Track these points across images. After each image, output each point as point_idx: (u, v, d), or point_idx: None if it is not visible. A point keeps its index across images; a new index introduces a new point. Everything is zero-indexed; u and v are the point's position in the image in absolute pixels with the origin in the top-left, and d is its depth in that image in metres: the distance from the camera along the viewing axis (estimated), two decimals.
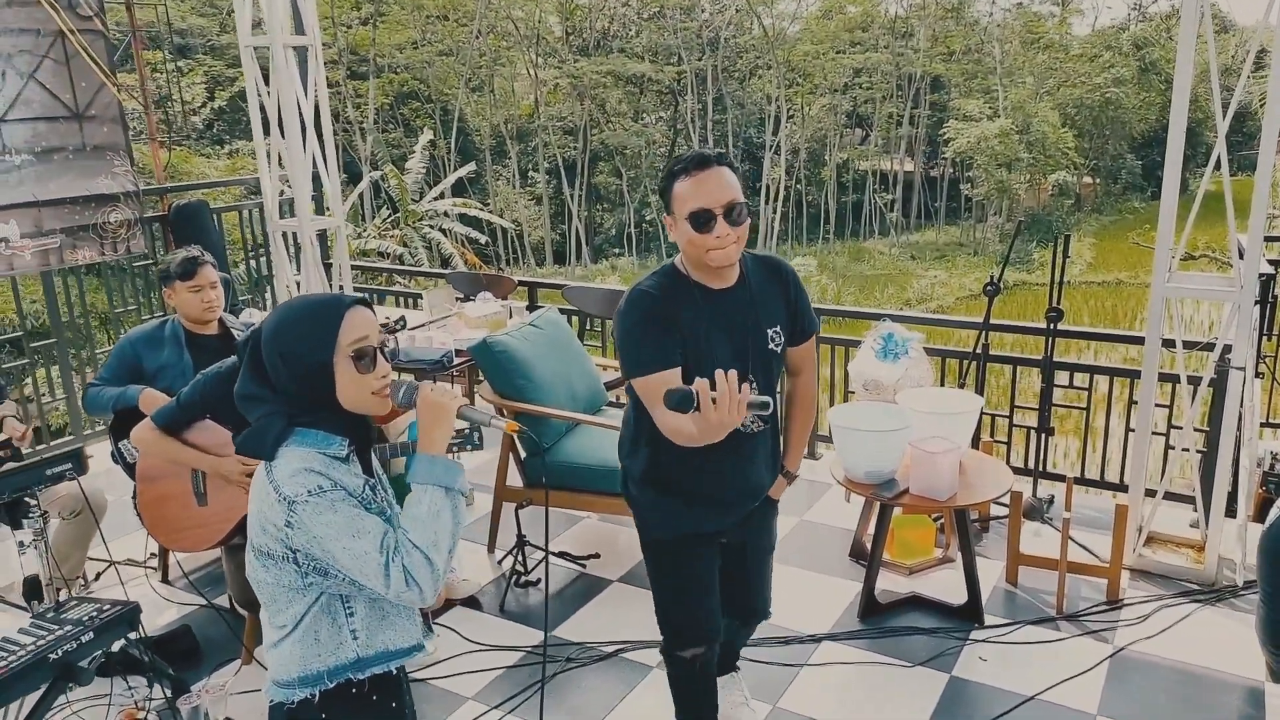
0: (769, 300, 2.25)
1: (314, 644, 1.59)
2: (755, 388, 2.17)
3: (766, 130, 30.22)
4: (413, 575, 1.51)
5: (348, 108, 25.66)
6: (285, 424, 1.57)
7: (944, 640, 3.29)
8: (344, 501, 1.52)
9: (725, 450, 2.13)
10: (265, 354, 1.57)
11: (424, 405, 1.62)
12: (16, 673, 2.20)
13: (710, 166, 2.07)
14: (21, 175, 4.69)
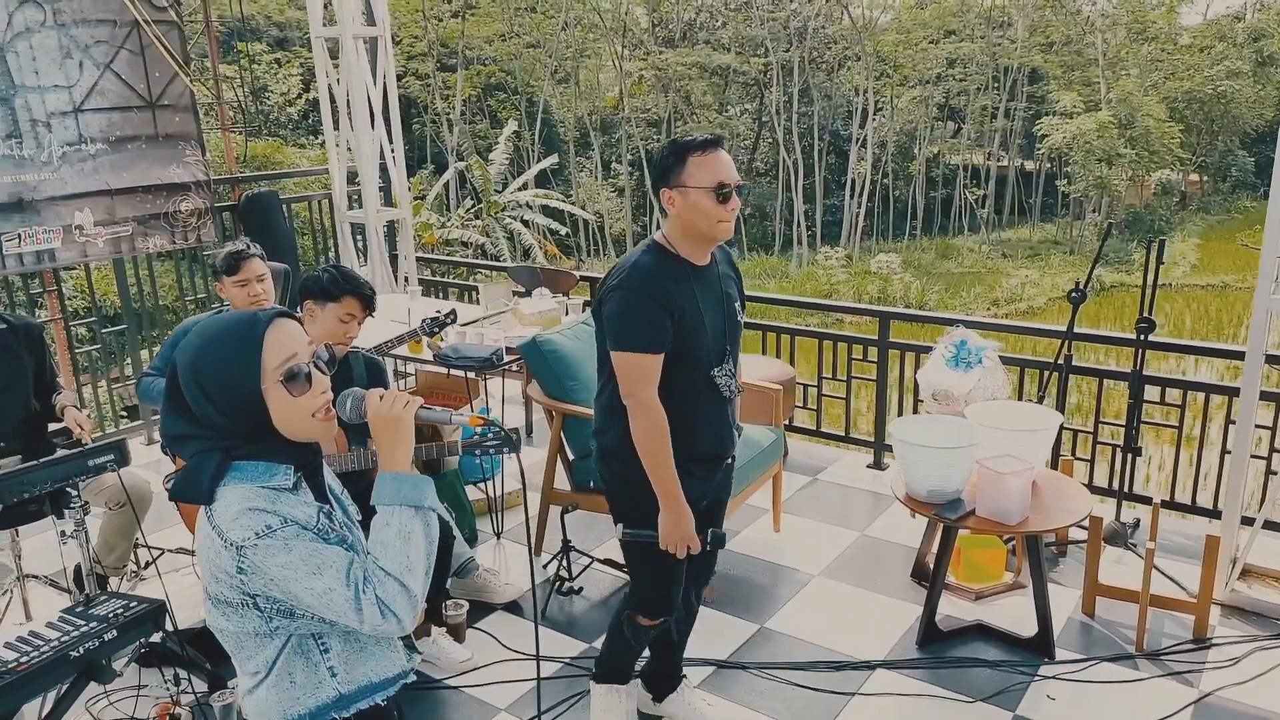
0: (730, 277, 2.51)
1: (290, 688, 1.47)
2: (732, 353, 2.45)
3: (853, 123, 29.55)
4: (388, 605, 1.39)
5: (436, 100, 26.03)
6: (221, 459, 1.41)
7: (1009, 675, 3.05)
8: (297, 538, 1.38)
9: (715, 415, 2.44)
10: (185, 389, 1.41)
11: (376, 421, 1.47)
12: (39, 668, 2.19)
13: (719, 148, 2.30)
14: (96, 164, 4.78)
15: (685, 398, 2.37)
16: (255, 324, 1.42)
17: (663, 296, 2.27)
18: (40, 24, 4.52)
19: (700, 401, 2.41)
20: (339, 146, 5.60)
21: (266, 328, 1.42)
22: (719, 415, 2.46)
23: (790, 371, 4.70)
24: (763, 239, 29.38)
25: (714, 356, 2.39)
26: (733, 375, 2.46)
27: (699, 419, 2.41)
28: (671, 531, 2.35)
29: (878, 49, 29.53)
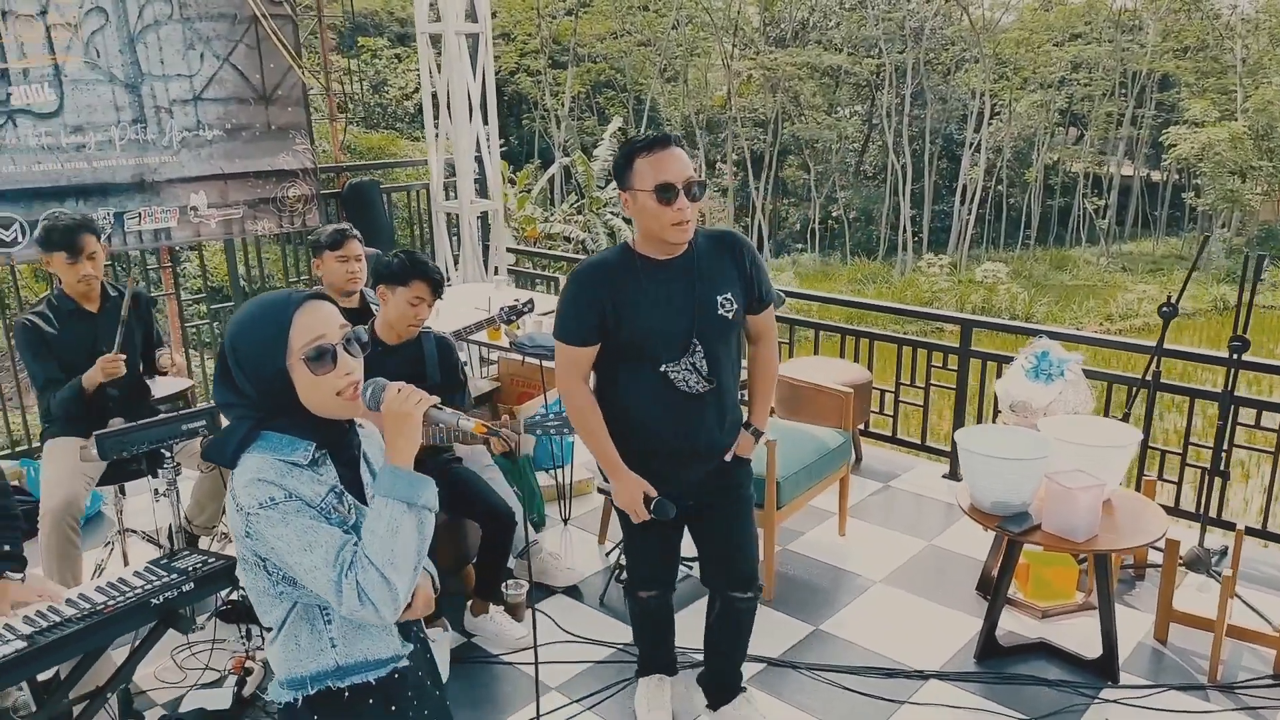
0: (718, 269, 2.39)
1: (295, 649, 1.56)
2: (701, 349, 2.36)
3: (968, 127, 28.72)
4: (366, 592, 1.43)
5: (546, 96, 26.48)
6: (251, 428, 1.50)
7: (1069, 695, 2.97)
8: (297, 513, 1.45)
9: (669, 410, 2.40)
10: (228, 360, 1.51)
11: (387, 413, 1.51)
12: (124, 612, 2.36)
13: (670, 146, 2.24)
14: (212, 150, 5.08)
15: (633, 391, 2.42)
16: (288, 304, 1.50)
17: (594, 293, 2.32)
18: (168, 17, 4.83)
19: (650, 396, 2.40)
20: (438, 139, 5.79)
21: (297, 308, 1.49)
22: (678, 410, 2.41)
23: (866, 376, 4.66)
24: (866, 244, 28.86)
25: (665, 352, 2.35)
26: (697, 371, 2.38)
27: (649, 413, 2.41)
28: (617, 496, 2.45)
29: (997, 51, 28.62)
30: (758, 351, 2.61)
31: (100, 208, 4.71)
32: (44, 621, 2.26)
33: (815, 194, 28.95)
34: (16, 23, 4.38)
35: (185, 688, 3.01)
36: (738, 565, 2.66)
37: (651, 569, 2.70)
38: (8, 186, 4.45)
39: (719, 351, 2.40)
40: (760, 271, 2.47)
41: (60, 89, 4.54)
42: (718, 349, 2.40)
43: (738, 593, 2.67)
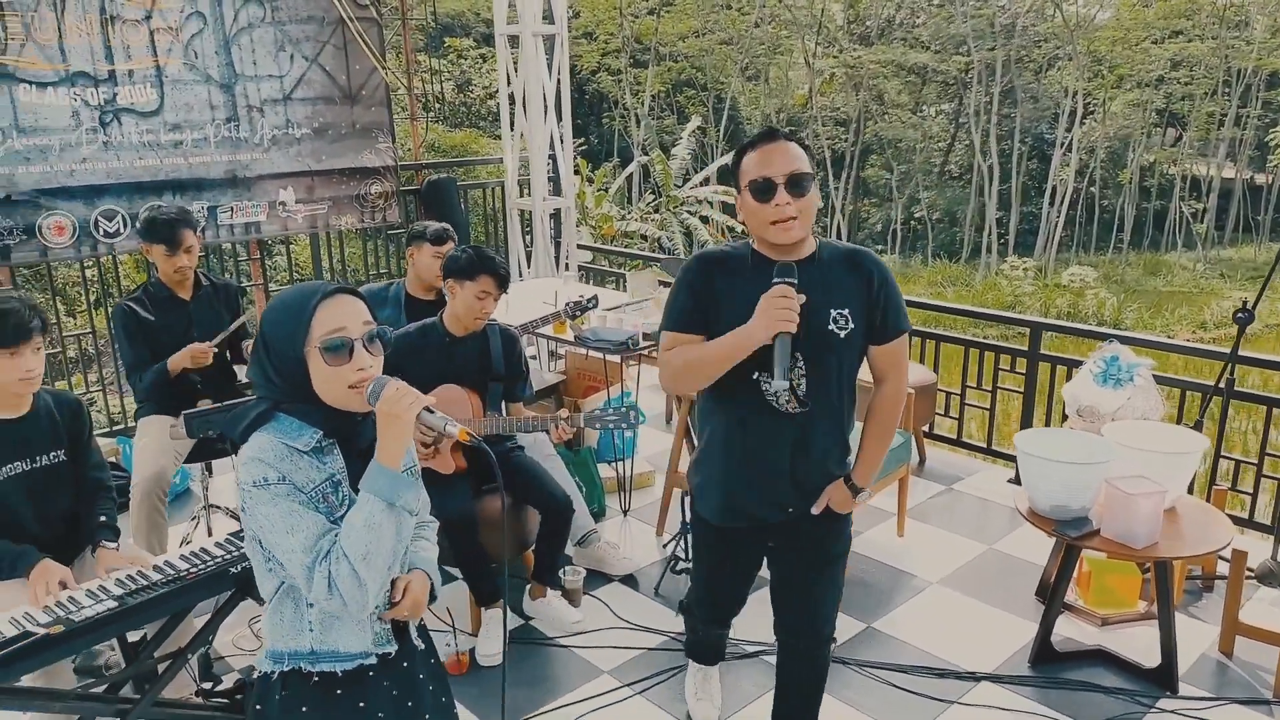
0: (838, 282, 2.16)
1: (279, 624, 1.63)
2: (803, 366, 2.13)
3: (1059, 127, 27.90)
4: (335, 583, 1.48)
5: (626, 95, 26.65)
6: (267, 409, 1.56)
7: (1125, 704, 2.93)
8: (286, 497, 1.51)
9: (754, 427, 2.20)
10: (259, 341, 1.59)
11: (380, 412, 1.53)
12: (204, 579, 2.52)
13: (776, 140, 2.10)
14: (300, 148, 5.32)
15: (726, 400, 2.22)
16: (314, 294, 1.56)
17: (701, 282, 2.16)
18: (260, 20, 5.08)
19: (740, 407, 2.19)
20: (514, 137, 5.94)
21: (322, 299, 1.55)
22: (762, 429, 2.19)
23: (931, 377, 4.63)
24: (949, 246, 28.28)
25: (764, 361, 2.08)
26: (792, 390, 2.13)
27: (735, 427, 2.22)
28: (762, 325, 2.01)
29: (1092, 48, 27.73)
30: (878, 394, 2.29)
31: (195, 202, 4.98)
32: (133, 584, 2.43)
33: (897, 194, 28.50)
34: (124, 27, 4.67)
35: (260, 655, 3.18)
36: (813, 624, 2.43)
37: (720, 608, 2.56)
38: (112, 181, 4.75)
39: (825, 375, 2.15)
40: (889, 296, 2.18)
41: (161, 89, 4.82)
42: (824, 372, 2.14)
43: (805, 643, 2.48)
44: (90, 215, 4.72)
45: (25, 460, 2.57)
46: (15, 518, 2.54)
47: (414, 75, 6.31)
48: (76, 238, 4.71)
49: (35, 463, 2.59)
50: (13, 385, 2.49)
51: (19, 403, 2.56)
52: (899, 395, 2.29)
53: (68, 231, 4.68)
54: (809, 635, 2.45)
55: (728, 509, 2.31)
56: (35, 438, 2.59)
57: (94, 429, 2.83)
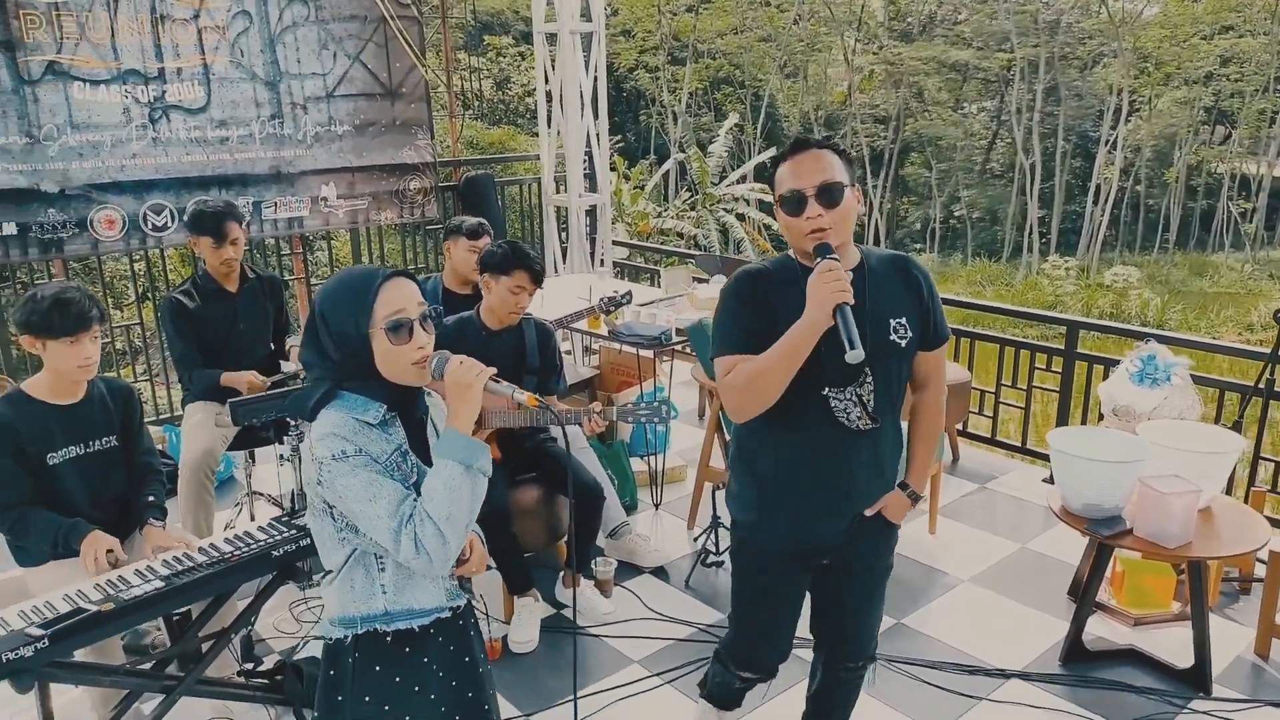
0: (893, 291, 2.10)
1: (350, 591, 1.72)
2: (871, 380, 2.05)
3: (1104, 124, 27.45)
4: (423, 543, 1.58)
5: (664, 92, 26.67)
6: (331, 387, 1.65)
7: (1156, 704, 2.92)
8: (365, 467, 1.59)
9: (824, 446, 2.09)
10: (317, 323, 1.67)
11: (450, 382, 1.64)
12: (248, 561, 2.60)
13: (807, 149, 2.01)
14: (341, 144, 5.42)
15: (790, 420, 2.08)
16: (374, 277, 1.65)
17: (754, 297, 2.05)
18: (305, 19, 5.18)
19: (807, 427, 2.08)
20: (550, 134, 6.00)
21: (383, 282, 1.64)
22: (833, 448, 2.09)
23: (965, 375, 4.61)
24: (990, 244, 27.96)
25: (831, 374, 2.02)
26: (863, 403, 2.06)
27: (803, 448, 2.11)
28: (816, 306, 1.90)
29: (1139, 45, 27.24)
30: (923, 398, 2.25)
31: (240, 197, 5.10)
32: (179, 565, 2.52)
33: (937, 193, 28.22)
34: (173, 26, 4.79)
35: (299, 638, 3.28)
36: (859, 642, 2.37)
37: (759, 646, 2.37)
38: (160, 176, 4.88)
39: (889, 386, 2.09)
40: (936, 303, 2.16)
41: (208, 87, 4.94)
42: (888, 383, 2.09)
43: (850, 663, 2.41)
44: (139, 209, 4.85)
45: (80, 444, 2.67)
46: (70, 499, 2.64)
47: (453, 73, 6.39)
48: (126, 231, 4.84)
49: (89, 447, 2.69)
50: (71, 372, 2.59)
51: (75, 389, 2.66)
52: (942, 398, 2.28)
53: (118, 225, 4.81)
54: (857, 656, 2.38)
55: (794, 538, 2.20)
56: (89, 423, 2.69)
57: (144, 417, 2.93)
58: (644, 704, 2.92)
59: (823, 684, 2.47)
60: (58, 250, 4.69)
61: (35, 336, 2.53)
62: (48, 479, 2.61)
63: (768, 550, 2.24)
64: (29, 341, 2.55)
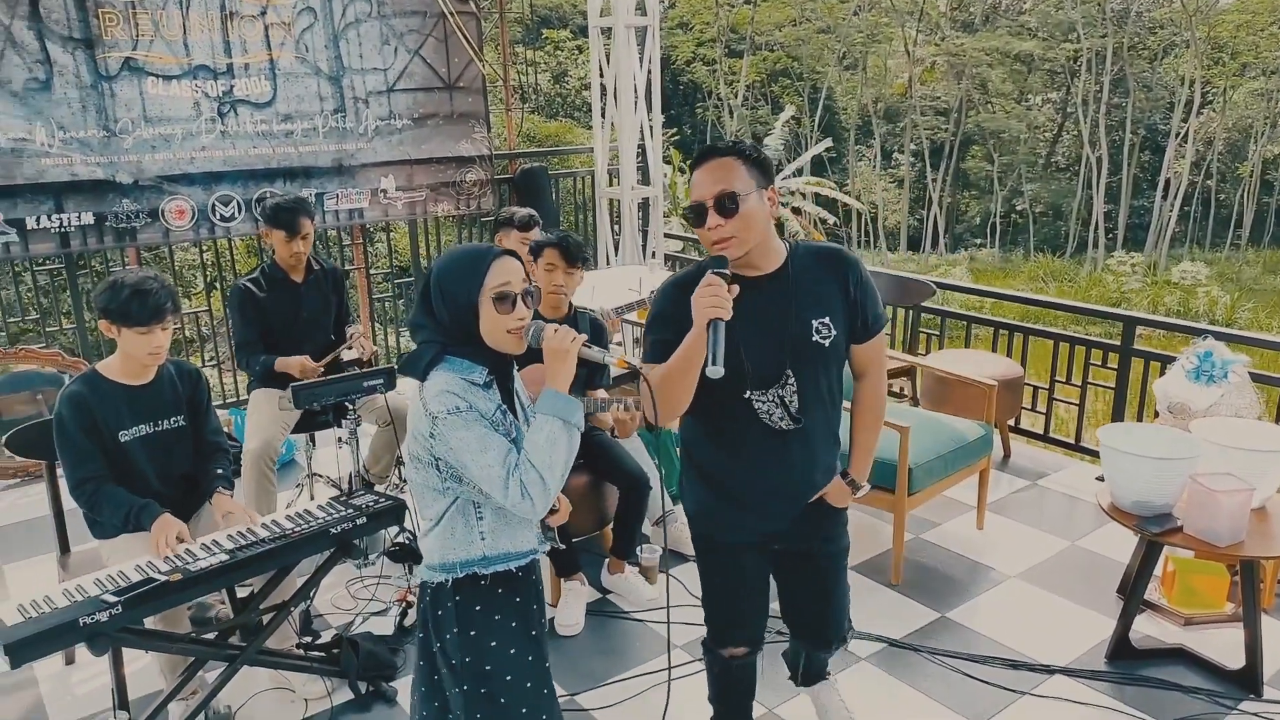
0: (815, 289, 2.10)
1: (450, 538, 1.88)
2: (794, 381, 2.09)
3: (1174, 117, 26.66)
4: (528, 490, 1.75)
5: (720, 85, 26.59)
6: (438, 351, 1.82)
7: (1204, 704, 2.89)
8: (476, 422, 1.76)
9: (751, 445, 2.16)
10: (431, 290, 1.83)
11: (547, 348, 1.83)
12: (308, 537, 2.72)
13: (711, 158, 2.01)
14: (401, 137, 5.55)
15: (717, 421, 2.17)
16: (488, 253, 1.84)
17: (671, 311, 2.06)
18: (367, 15, 5.32)
19: (734, 427, 2.15)
20: (604, 127, 6.07)
21: (494, 258, 1.83)
22: (760, 447, 2.15)
23: (1017, 371, 4.57)
24: (1053, 240, 27.37)
25: (752, 380, 2.08)
26: (785, 405, 2.11)
27: (731, 447, 2.18)
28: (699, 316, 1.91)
29: (1213, 35, 26.40)
30: (862, 389, 2.29)
31: (304, 189, 5.26)
32: (243, 540, 2.64)
33: (998, 187, 27.70)
34: (241, 23, 4.96)
35: (356, 614, 3.40)
36: (826, 624, 2.45)
37: (735, 617, 2.39)
38: (228, 168, 5.06)
39: (815, 386, 2.13)
40: (867, 295, 2.16)
41: (274, 81, 5.10)
42: (814, 383, 2.12)
43: (823, 652, 2.55)
44: (208, 200, 5.04)
45: (150, 424, 2.81)
46: (140, 476, 2.79)
47: (510, 66, 6.49)
48: (195, 221, 5.03)
49: (158, 426, 2.83)
50: (142, 358, 2.73)
51: (146, 371, 2.80)
52: (882, 387, 2.30)
53: (187, 215, 5.00)
54: (830, 639, 2.49)
55: (734, 527, 2.27)
56: (159, 403, 2.83)
57: (211, 398, 3.07)
58: (684, 688, 2.97)
59: (805, 669, 2.64)
60: (131, 239, 4.89)
61: (112, 322, 2.67)
62: (119, 455, 2.75)
63: (722, 540, 2.30)
64: (105, 325, 2.69)
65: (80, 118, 4.63)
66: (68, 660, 3.19)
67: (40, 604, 2.30)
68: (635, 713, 2.90)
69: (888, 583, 3.59)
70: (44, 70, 4.52)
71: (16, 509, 4.40)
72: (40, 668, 3.15)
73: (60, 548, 3.10)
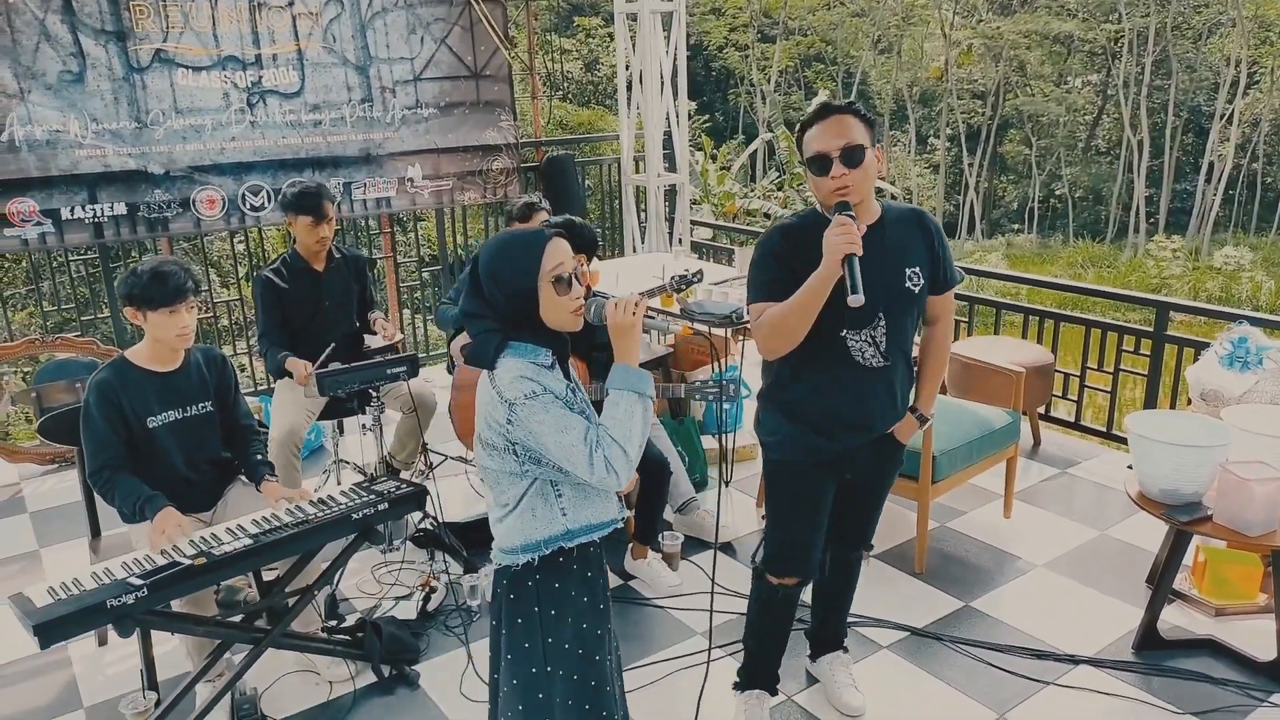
0: (908, 242, 2.36)
1: (531, 519, 1.90)
2: (884, 323, 2.32)
3: (1219, 98, 26.01)
4: (611, 464, 1.78)
5: (753, 71, 26.38)
6: (501, 339, 1.84)
7: (1234, 695, 2.83)
8: (553, 403, 1.78)
9: (843, 381, 2.38)
10: (483, 278, 1.84)
11: (612, 324, 1.85)
12: (331, 521, 2.76)
13: (831, 114, 2.23)
14: (428, 126, 5.58)
15: (812, 358, 2.36)
16: (540, 236, 1.86)
17: (782, 250, 2.30)
18: (394, 4, 5.34)
19: (827, 364, 2.36)
20: (630, 114, 6.05)
21: (548, 241, 1.85)
22: (851, 382, 2.38)
23: (1047, 357, 4.51)
24: (1093, 225, 26.87)
25: (848, 320, 2.29)
26: (876, 344, 2.34)
27: (825, 382, 2.38)
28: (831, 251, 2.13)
29: (1260, 13, 25.68)
30: (932, 333, 2.57)
31: (332, 178, 5.31)
32: (267, 525, 2.68)
33: (1036, 171, 27.24)
34: (269, 14, 5.01)
35: (380, 599, 3.44)
36: (862, 535, 2.74)
37: (798, 549, 2.57)
38: (258, 158, 5.12)
39: (900, 329, 2.36)
40: (947, 252, 2.45)
41: (302, 72, 5.15)
42: (899, 326, 2.36)
43: (854, 551, 2.78)
44: (238, 190, 5.10)
45: (178, 409, 2.86)
46: (168, 461, 2.84)
47: (538, 54, 6.49)
48: (225, 211, 5.10)
49: (186, 411, 2.87)
50: (170, 341, 2.78)
51: (174, 357, 2.85)
52: (949, 332, 2.60)
53: (218, 205, 5.07)
54: (860, 544, 2.76)
55: (812, 451, 2.47)
56: (187, 389, 2.88)
57: (239, 383, 3.11)
58: (711, 673, 2.98)
59: (831, 571, 2.79)
60: (163, 229, 4.97)
61: (137, 308, 2.71)
62: (148, 441, 2.80)
63: (797, 462, 2.50)
64: (131, 313, 2.73)
65: (113, 109, 4.71)
66: (100, 641, 3.26)
67: (69, 586, 2.35)
68: (658, 698, 2.91)
69: (911, 571, 3.56)
70: (77, 63, 4.60)
71: (53, 494, 4.51)
72: (74, 649, 3.23)
73: (91, 532, 3.17)
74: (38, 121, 4.55)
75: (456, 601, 3.37)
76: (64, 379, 4.68)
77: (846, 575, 2.82)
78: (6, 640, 3.22)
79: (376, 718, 2.85)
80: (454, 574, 3.53)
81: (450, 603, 3.38)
